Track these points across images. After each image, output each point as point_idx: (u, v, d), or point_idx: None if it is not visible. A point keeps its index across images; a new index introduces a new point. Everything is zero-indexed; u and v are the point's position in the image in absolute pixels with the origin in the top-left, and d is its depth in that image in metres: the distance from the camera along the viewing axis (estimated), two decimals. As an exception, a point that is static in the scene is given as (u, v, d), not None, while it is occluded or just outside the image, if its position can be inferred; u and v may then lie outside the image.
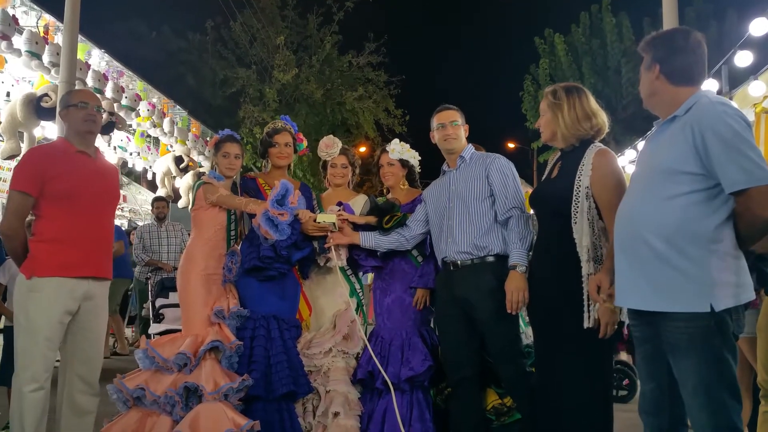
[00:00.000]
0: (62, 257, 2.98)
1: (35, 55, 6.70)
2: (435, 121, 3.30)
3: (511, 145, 23.37)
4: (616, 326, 2.50)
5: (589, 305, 2.53)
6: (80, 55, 7.48)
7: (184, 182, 11.26)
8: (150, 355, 3.14)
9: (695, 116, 2.10)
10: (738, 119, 2.04)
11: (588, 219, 2.57)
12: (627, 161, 8.93)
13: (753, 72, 5.94)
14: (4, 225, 3.01)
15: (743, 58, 5.89)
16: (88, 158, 3.15)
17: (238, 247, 3.45)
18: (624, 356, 6.28)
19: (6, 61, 6.77)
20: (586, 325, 2.52)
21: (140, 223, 11.50)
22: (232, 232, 3.46)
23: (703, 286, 2.04)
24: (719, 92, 6.62)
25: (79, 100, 3.11)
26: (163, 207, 7.30)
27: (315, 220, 3.29)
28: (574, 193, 2.61)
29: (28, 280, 2.95)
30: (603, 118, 2.74)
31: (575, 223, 2.59)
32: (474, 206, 3.13)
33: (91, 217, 3.10)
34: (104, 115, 7.11)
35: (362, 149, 21.10)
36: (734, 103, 2.14)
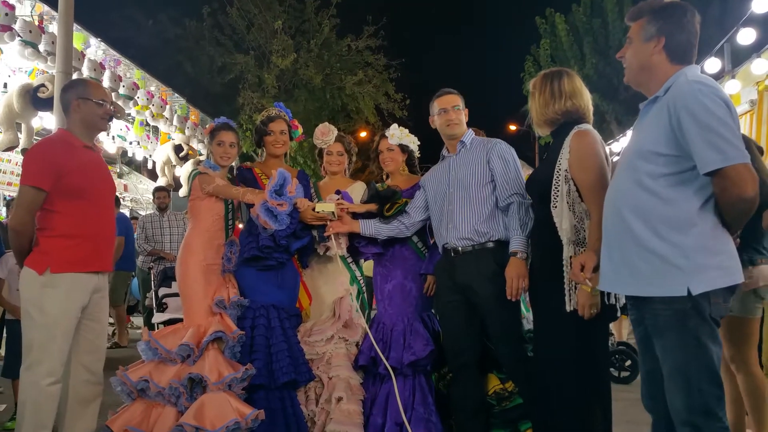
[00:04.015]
0: (77, 252, 3.00)
1: (29, 43, 6.66)
2: (436, 106, 3.26)
3: (512, 128, 23.25)
4: (596, 309, 2.48)
5: (570, 288, 2.53)
6: (77, 45, 7.44)
7: (184, 171, 11.22)
8: (153, 347, 3.15)
9: (672, 96, 2.06)
10: (713, 98, 1.99)
11: (568, 202, 2.57)
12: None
13: (756, 50, 5.87)
14: (15, 220, 2.98)
15: (746, 36, 5.81)
16: (92, 153, 3.18)
17: (237, 237, 3.45)
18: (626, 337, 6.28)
19: (2, 52, 6.72)
20: (567, 308, 2.52)
21: (142, 213, 11.52)
22: (230, 222, 3.45)
23: (680, 269, 2.01)
24: (722, 70, 6.56)
25: (99, 98, 3.13)
26: (164, 197, 7.30)
27: (314, 209, 3.28)
28: (554, 176, 2.61)
29: (40, 275, 2.93)
30: (579, 100, 2.71)
31: (555, 207, 2.60)
32: (475, 192, 3.11)
33: (99, 211, 3.13)
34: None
35: (363, 134, 21.04)
36: (712, 82, 2.09)
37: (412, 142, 3.63)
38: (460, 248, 3.09)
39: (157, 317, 5.39)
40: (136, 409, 3.09)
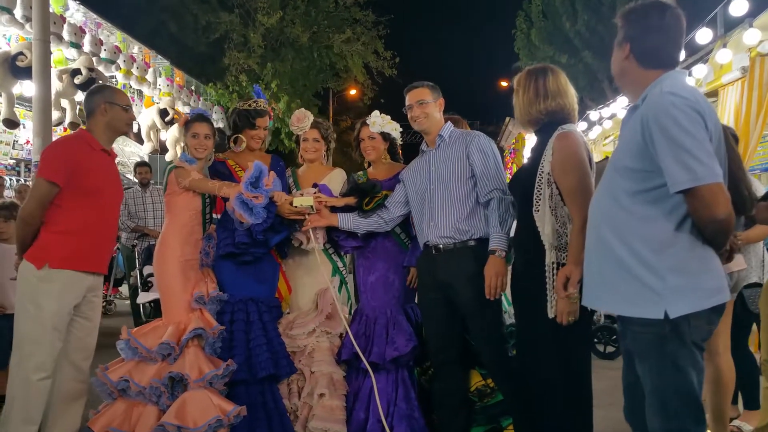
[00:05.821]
0: (77, 250, 3.04)
1: (5, 9, 6.46)
2: (406, 101, 3.19)
3: (504, 84, 23.00)
4: (574, 318, 2.46)
5: (551, 295, 2.51)
6: (56, 9, 7.21)
7: (170, 134, 11.04)
8: (132, 346, 3.12)
9: (646, 107, 1.97)
10: (687, 110, 1.87)
11: (550, 206, 2.52)
12: (619, 108, 8.74)
13: (749, 17, 5.74)
14: (26, 211, 3.03)
15: (738, 6, 5.67)
16: (108, 157, 3.24)
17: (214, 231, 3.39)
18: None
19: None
20: (550, 315, 2.50)
21: (129, 176, 11.37)
22: (207, 216, 3.39)
23: (655, 292, 1.94)
24: (713, 39, 6.41)
25: (125, 103, 3.23)
26: (146, 172, 7.16)
27: (291, 203, 3.21)
28: (537, 179, 2.56)
29: (39, 270, 2.97)
30: (564, 99, 2.65)
31: (537, 211, 2.55)
32: (456, 189, 3.05)
33: (105, 214, 3.20)
34: (84, 72, 6.96)
35: (352, 92, 20.71)
36: (688, 92, 1.94)
37: (394, 129, 3.54)
38: (441, 246, 3.04)
39: (142, 297, 5.40)
40: (118, 408, 3.07)
